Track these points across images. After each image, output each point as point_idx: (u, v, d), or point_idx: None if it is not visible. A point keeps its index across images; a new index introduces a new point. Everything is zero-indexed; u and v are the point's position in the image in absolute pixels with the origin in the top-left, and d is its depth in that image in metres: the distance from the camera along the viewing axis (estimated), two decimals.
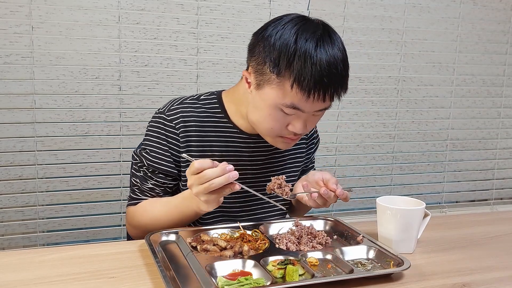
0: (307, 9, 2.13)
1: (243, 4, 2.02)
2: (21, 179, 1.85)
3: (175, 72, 1.97)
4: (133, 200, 1.27)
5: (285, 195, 1.12)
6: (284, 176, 1.15)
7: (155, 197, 1.25)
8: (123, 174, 1.95)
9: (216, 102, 1.25)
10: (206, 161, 1.01)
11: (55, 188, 1.89)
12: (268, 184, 1.15)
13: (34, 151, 1.84)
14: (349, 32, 2.22)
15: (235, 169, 1.24)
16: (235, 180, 1.03)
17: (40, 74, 1.81)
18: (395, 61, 2.31)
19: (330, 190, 1.14)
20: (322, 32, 1.06)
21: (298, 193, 1.18)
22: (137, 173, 1.26)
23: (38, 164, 1.85)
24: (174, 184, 1.25)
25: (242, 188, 1.06)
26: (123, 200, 1.96)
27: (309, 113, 1.10)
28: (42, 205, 1.88)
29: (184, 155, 1.10)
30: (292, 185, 1.37)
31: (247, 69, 1.16)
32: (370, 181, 2.38)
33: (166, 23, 1.93)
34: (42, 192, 1.87)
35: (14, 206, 1.85)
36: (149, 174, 1.23)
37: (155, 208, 1.22)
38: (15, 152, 1.83)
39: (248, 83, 1.14)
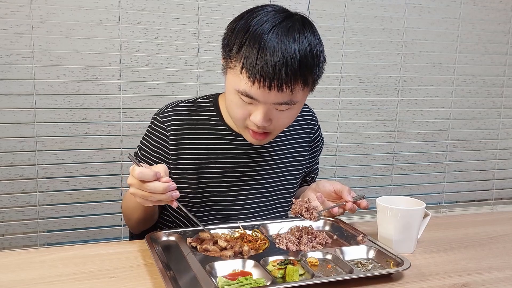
0: (307, 9, 2.13)
1: (243, 4, 2.02)
2: (21, 179, 1.85)
3: (175, 72, 1.97)
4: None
5: (313, 219, 1.12)
6: (310, 199, 1.15)
7: None
8: (123, 174, 1.95)
9: (212, 105, 1.25)
10: (149, 173, 0.97)
11: (55, 188, 1.89)
12: (292, 207, 1.15)
13: (35, 151, 1.84)
14: (350, 32, 2.22)
15: (233, 172, 1.24)
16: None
17: (41, 74, 1.81)
18: (395, 61, 2.31)
19: (347, 201, 1.16)
20: (286, 22, 1.03)
21: (322, 211, 1.18)
22: None
23: (38, 164, 1.86)
24: None
25: (178, 207, 1.05)
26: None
27: (266, 104, 1.05)
28: (43, 205, 1.89)
29: (129, 155, 1.05)
30: (295, 188, 1.37)
31: None
32: (370, 181, 2.38)
33: (166, 23, 1.93)
34: (42, 192, 1.88)
35: (15, 206, 1.86)
36: None
37: (128, 198, 1.23)
38: (15, 152, 1.83)
39: None
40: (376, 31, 2.26)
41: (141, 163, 1.02)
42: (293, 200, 1.16)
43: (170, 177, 1.21)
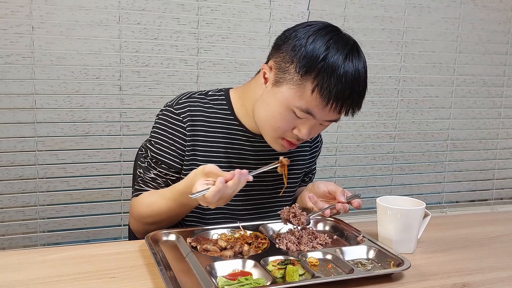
0: (307, 9, 2.13)
1: (243, 4, 2.02)
2: (21, 179, 1.85)
3: (175, 72, 1.97)
4: (136, 192, 1.26)
5: (301, 224, 1.13)
6: (297, 205, 1.16)
7: (157, 188, 1.23)
8: (123, 174, 1.95)
9: (223, 99, 1.25)
10: (221, 187, 0.98)
11: (55, 188, 1.89)
12: (281, 214, 1.15)
13: (35, 151, 1.85)
14: (350, 32, 2.16)
15: (239, 168, 1.24)
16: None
17: (41, 74, 1.81)
18: (395, 61, 2.31)
19: (339, 202, 1.17)
20: (352, 47, 1.12)
21: (313, 216, 1.18)
22: (142, 164, 1.26)
23: (38, 164, 1.86)
24: (177, 176, 1.23)
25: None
26: (123, 200, 1.96)
27: (319, 121, 1.11)
28: (43, 205, 1.89)
29: (191, 197, 1.00)
30: (295, 189, 1.37)
31: (267, 63, 1.15)
32: (370, 181, 2.38)
33: (166, 23, 1.93)
34: (42, 192, 1.88)
35: (15, 206, 1.86)
36: (152, 165, 1.23)
37: (155, 200, 1.20)
38: (15, 152, 1.83)
39: (265, 78, 1.14)
40: (376, 31, 2.26)
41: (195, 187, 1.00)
42: (280, 212, 1.16)
43: (182, 168, 1.21)
